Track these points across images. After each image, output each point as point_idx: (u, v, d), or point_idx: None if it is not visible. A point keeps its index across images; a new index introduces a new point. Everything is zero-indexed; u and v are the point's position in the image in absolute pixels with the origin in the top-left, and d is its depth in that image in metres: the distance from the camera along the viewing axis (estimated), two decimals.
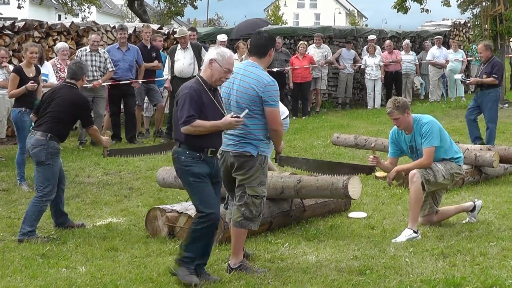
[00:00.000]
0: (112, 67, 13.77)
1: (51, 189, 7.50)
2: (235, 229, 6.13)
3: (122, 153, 8.75)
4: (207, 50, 15.49)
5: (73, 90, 7.80)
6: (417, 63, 21.26)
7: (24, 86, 10.04)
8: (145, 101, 15.14)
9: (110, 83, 13.87)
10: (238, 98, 6.06)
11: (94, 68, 13.56)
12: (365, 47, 20.73)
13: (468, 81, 13.13)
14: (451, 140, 7.78)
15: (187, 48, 14.15)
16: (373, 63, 19.83)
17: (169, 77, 14.21)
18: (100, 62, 13.67)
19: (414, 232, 7.31)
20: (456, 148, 7.77)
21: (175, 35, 15.26)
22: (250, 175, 6.04)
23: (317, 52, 19.01)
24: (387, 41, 20.67)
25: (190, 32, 15.78)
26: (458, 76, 15.53)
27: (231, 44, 18.09)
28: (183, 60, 14.05)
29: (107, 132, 8.75)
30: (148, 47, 14.85)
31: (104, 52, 13.95)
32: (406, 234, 7.28)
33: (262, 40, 6.20)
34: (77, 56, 13.58)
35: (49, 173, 7.50)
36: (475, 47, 20.73)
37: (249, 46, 6.73)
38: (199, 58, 14.16)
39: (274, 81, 6.10)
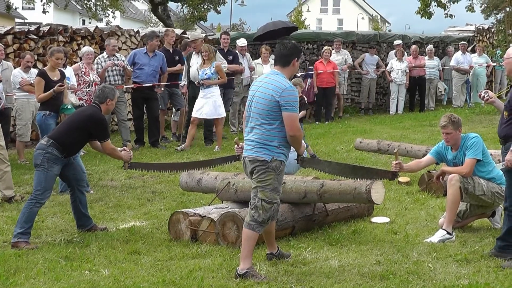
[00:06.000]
0: (129, 65, 13.79)
1: (43, 192, 7.53)
2: (244, 230, 6.20)
3: (144, 167, 8.76)
4: (232, 55, 15.40)
5: (93, 108, 7.90)
6: (441, 69, 21.10)
7: (52, 90, 10.10)
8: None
9: (133, 86, 13.89)
10: (258, 104, 6.14)
11: (114, 72, 13.62)
12: (393, 51, 20.64)
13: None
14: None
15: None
16: (399, 68, 19.73)
17: (186, 83, 14.20)
18: (119, 66, 13.70)
19: (448, 233, 7.32)
20: (500, 172, 7.71)
21: (187, 40, 15.17)
22: (263, 179, 6.10)
23: (336, 56, 18.89)
24: (413, 46, 20.54)
25: (223, 36, 15.71)
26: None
27: (255, 49, 18.13)
28: (197, 65, 13.79)
29: (128, 144, 8.75)
30: (171, 51, 14.88)
31: (121, 55, 14.00)
32: (440, 234, 7.34)
33: (286, 50, 6.27)
34: (96, 63, 13.51)
35: (42, 176, 7.54)
36: (499, 53, 20.59)
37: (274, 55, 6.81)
38: None
39: (294, 87, 6.16)
